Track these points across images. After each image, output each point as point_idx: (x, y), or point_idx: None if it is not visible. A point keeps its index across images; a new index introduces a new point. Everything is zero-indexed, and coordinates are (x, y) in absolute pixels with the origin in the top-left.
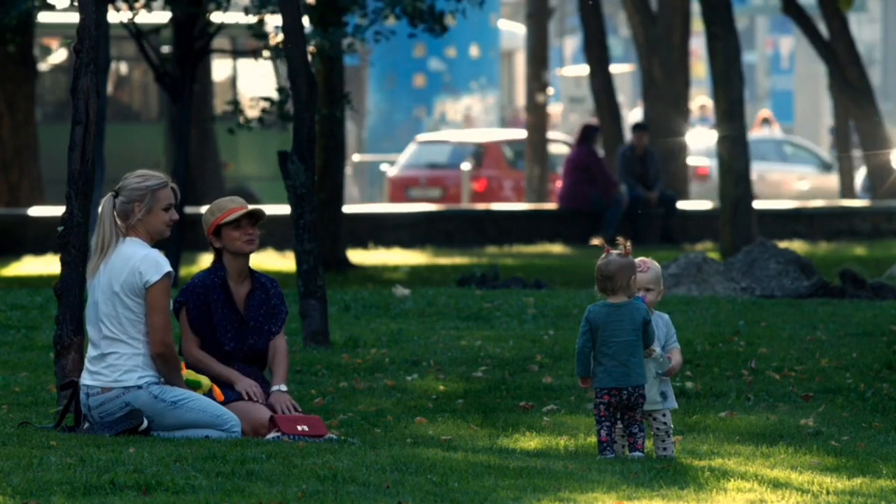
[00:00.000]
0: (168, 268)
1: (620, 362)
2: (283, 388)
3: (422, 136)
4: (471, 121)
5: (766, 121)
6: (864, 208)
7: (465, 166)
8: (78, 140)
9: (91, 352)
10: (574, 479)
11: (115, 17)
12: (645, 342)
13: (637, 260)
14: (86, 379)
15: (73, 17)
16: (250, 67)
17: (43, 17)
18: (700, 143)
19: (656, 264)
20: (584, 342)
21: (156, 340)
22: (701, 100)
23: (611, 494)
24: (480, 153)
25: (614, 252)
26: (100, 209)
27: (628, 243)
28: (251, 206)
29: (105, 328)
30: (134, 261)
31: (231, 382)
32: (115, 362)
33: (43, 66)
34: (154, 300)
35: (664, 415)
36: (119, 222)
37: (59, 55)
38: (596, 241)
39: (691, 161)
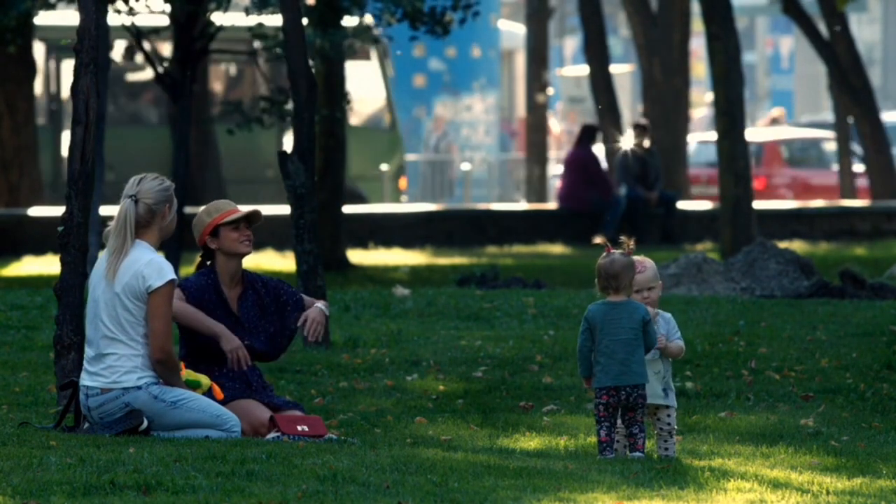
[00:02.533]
0: (172, 275)
1: (618, 360)
2: (325, 306)
3: (700, 137)
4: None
5: (774, 120)
6: (864, 208)
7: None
8: (78, 140)
9: (88, 351)
10: (574, 479)
11: (116, 18)
12: (646, 343)
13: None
14: (85, 380)
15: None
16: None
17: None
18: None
19: (650, 261)
20: (583, 341)
21: (156, 347)
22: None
23: (611, 494)
24: (760, 152)
25: (616, 251)
26: (118, 214)
27: (631, 242)
28: (246, 209)
29: (104, 328)
30: (139, 265)
31: (217, 337)
32: (115, 363)
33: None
34: (155, 306)
35: (669, 414)
36: (133, 227)
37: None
38: (598, 240)
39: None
